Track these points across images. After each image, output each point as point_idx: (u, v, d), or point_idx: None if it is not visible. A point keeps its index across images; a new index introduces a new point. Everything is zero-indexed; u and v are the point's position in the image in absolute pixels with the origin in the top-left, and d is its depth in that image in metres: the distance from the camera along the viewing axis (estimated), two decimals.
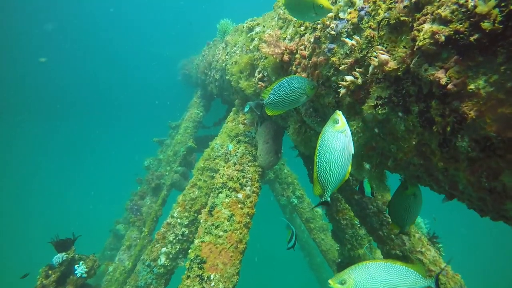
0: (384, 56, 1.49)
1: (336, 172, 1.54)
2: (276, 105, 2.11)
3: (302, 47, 2.48)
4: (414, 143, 1.55)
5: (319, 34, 2.21)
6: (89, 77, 25.01)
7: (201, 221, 3.59)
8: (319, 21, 2.29)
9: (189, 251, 3.38)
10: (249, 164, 3.87)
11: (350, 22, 1.89)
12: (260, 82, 3.29)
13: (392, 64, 1.48)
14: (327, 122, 1.64)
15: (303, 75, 2.45)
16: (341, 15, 2.01)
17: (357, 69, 1.76)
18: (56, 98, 23.57)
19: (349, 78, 1.75)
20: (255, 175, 3.81)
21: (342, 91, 1.82)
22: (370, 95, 1.68)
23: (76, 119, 25.51)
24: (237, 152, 3.94)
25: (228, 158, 3.96)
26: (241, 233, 3.40)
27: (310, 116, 2.52)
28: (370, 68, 1.56)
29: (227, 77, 4.50)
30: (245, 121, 4.26)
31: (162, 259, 4.43)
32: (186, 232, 4.50)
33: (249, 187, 3.71)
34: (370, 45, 1.69)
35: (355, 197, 3.75)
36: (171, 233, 4.50)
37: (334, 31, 2.04)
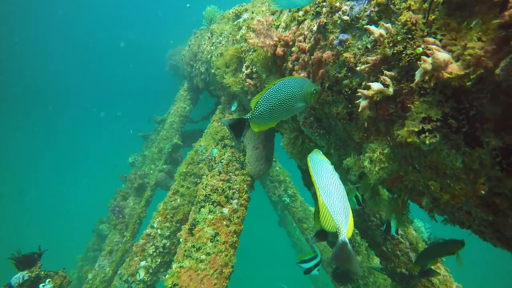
0: (443, 55, 0.87)
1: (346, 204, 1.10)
2: (265, 117, 1.50)
3: (300, 38, 1.84)
4: (480, 190, 0.96)
5: (325, 20, 1.58)
6: (70, 69, 23.08)
7: (181, 240, 3.00)
8: (324, 2, 1.66)
9: (166, 276, 2.81)
10: (236, 172, 3.25)
11: (374, 2, 1.26)
12: (248, 80, 2.65)
13: (455, 69, 0.87)
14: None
15: (301, 74, 1.82)
16: None
17: (386, 72, 1.14)
18: (36, 92, 21.80)
19: (376, 86, 1.13)
20: (243, 185, 3.20)
21: (363, 103, 1.21)
22: (409, 112, 1.07)
23: (58, 114, 23.78)
24: (223, 158, 3.32)
25: (212, 165, 3.34)
26: (226, 255, 2.82)
27: (311, 127, 1.91)
28: (418, 74, 0.94)
29: (212, 71, 3.84)
30: None
31: (141, 274, 3.84)
32: (168, 244, 3.91)
33: (236, 200, 3.11)
34: (410, 36, 1.07)
35: (356, 207, 3.19)
36: (151, 245, 3.90)
37: (348, 15, 1.41)
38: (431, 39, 0.94)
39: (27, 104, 20.90)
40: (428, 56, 0.91)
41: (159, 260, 3.88)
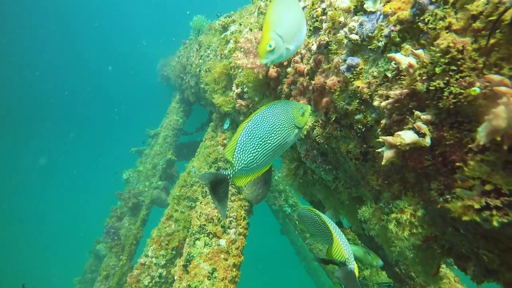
0: None
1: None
2: (252, 166, 1.16)
3: (297, 58, 1.52)
4: None
5: (327, 38, 1.26)
6: (63, 80, 22.23)
7: (175, 277, 2.67)
8: (323, 16, 1.34)
9: None
10: (233, 198, 2.92)
11: (393, 18, 0.94)
12: (239, 100, 2.32)
13: None
14: None
15: (301, 101, 1.50)
16: (368, 5, 1.06)
17: (421, 116, 0.82)
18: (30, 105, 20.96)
19: (408, 137, 0.81)
20: (240, 211, 2.87)
21: (387, 153, 0.89)
22: (459, 174, 0.76)
23: (53, 126, 22.90)
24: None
25: (206, 191, 3.01)
26: None
27: (314, 161, 1.58)
28: (482, 132, 0.62)
29: (202, 86, 3.50)
30: (225, 141, 3.29)
31: None
32: (164, 273, 3.57)
33: (233, 229, 2.78)
34: (455, 67, 0.75)
35: (363, 226, 2.87)
36: (146, 276, 3.56)
37: (357, 34, 1.09)
38: (496, 77, 0.62)
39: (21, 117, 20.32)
40: (493, 101, 0.59)
41: None
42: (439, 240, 1.02)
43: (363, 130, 1.14)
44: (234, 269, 2.65)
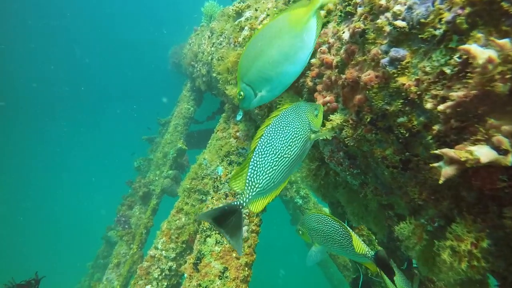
0: None
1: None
2: (268, 187, 0.99)
3: (323, 48, 1.32)
4: None
5: (362, 25, 1.06)
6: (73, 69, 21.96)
7: (185, 275, 2.56)
8: None
9: None
10: None
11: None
12: None
13: None
14: None
15: (327, 97, 1.31)
16: None
17: (502, 127, 0.63)
18: (40, 95, 20.83)
19: (484, 154, 0.62)
20: None
21: (447, 170, 0.70)
22: None
23: (64, 118, 22.86)
24: (229, 178, 2.83)
25: (218, 186, 2.86)
26: None
27: (340, 164, 1.40)
28: None
29: (214, 75, 3.31)
30: (237, 133, 3.12)
31: None
32: (174, 266, 3.48)
33: (245, 227, 2.64)
34: None
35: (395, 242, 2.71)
36: (156, 268, 3.48)
37: (405, 20, 0.89)
38: None
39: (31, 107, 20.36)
40: None
41: (166, 283, 3.47)
42: (502, 272, 0.84)
43: (406, 135, 0.95)
44: (246, 268, 2.52)
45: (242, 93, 1.15)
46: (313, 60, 1.40)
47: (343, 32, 1.20)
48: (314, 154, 1.73)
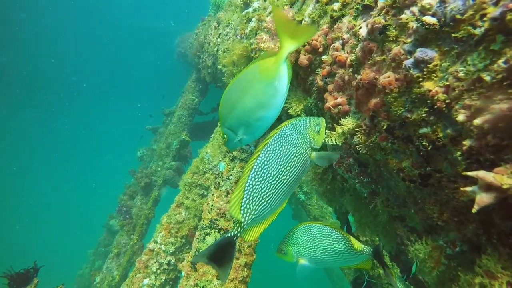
0: None
1: None
2: (265, 212, 0.89)
3: (337, 44, 1.19)
4: None
5: (383, 21, 0.93)
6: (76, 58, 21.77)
7: (182, 273, 2.48)
8: None
9: None
10: None
11: None
12: None
13: None
14: None
15: (339, 99, 1.18)
16: None
17: None
18: (44, 85, 20.58)
19: None
20: None
21: (482, 198, 0.59)
22: None
23: (68, 108, 22.85)
24: (231, 175, 2.73)
25: (219, 182, 2.76)
26: None
27: (349, 170, 1.28)
28: None
29: (219, 67, 3.19)
30: None
31: None
32: (173, 260, 3.42)
33: None
34: None
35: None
36: (154, 262, 3.42)
37: (436, 16, 0.77)
38: None
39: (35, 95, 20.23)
40: None
41: (164, 278, 3.41)
42: None
43: (429, 148, 0.84)
44: (245, 269, 2.43)
45: (225, 136, 1.21)
46: (324, 57, 1.27)
47: (360, 28, 1.07)
48: None
